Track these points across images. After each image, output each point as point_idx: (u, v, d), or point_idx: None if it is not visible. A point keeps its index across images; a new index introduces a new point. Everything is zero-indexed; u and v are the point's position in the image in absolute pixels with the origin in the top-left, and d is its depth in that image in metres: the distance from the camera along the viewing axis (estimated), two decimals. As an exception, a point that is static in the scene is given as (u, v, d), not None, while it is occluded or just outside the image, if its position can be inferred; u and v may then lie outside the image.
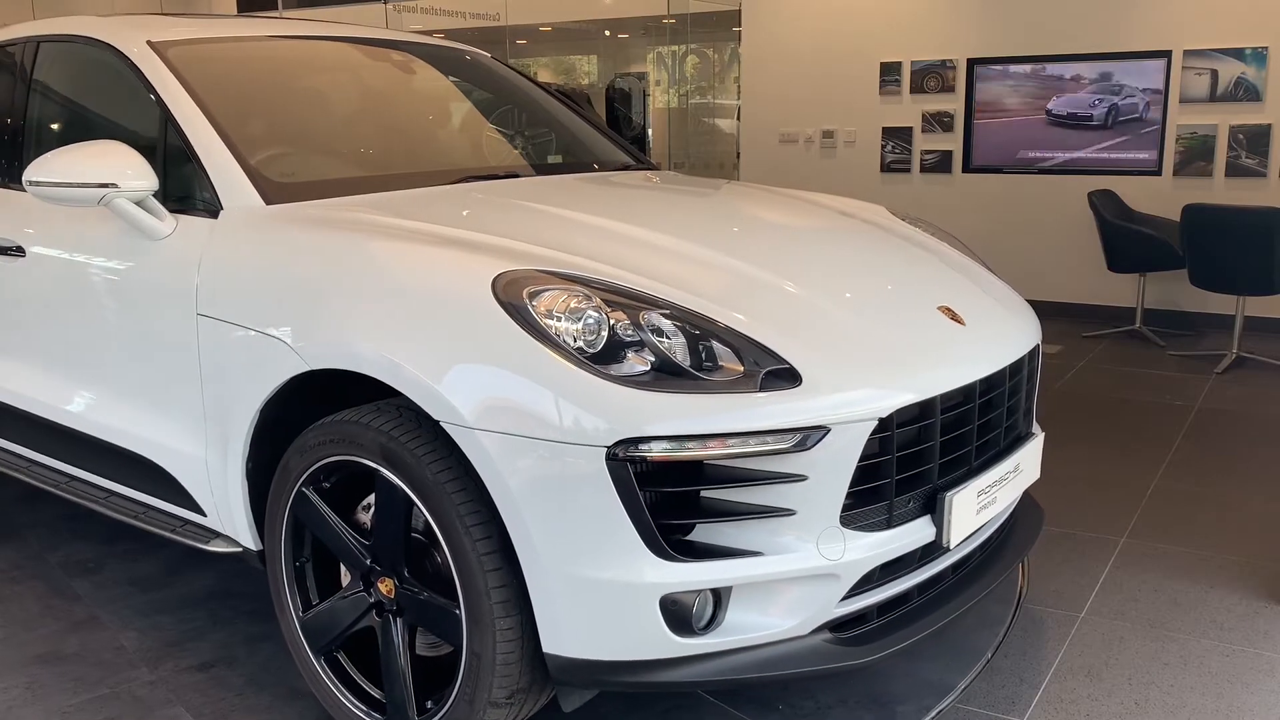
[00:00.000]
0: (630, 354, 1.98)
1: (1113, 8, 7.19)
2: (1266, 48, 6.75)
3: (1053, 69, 7.44)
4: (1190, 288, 6.40)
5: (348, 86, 3.42)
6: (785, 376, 2.02)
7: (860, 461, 2.04)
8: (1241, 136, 6.89)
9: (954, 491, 2.23)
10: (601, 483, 1.92)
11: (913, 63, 7.96)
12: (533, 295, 2.03)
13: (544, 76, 12.92)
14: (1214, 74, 6.91)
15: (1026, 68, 7.53)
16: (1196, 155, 7.06)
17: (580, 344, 1.98)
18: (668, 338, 2.02)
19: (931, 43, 7.87)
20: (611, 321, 2.01)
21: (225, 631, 3.01)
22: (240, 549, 2.59)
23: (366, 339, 2.16)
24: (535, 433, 1.94)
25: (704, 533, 2.01)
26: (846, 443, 2.01)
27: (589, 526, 1.95)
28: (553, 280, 2.08)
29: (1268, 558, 3.44)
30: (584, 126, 3.86)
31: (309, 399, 2.37)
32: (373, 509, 2.26)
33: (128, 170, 2.53)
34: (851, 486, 2.05)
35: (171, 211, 2.66)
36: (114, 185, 2.51)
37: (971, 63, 7.73)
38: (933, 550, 2.27)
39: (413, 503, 2.13)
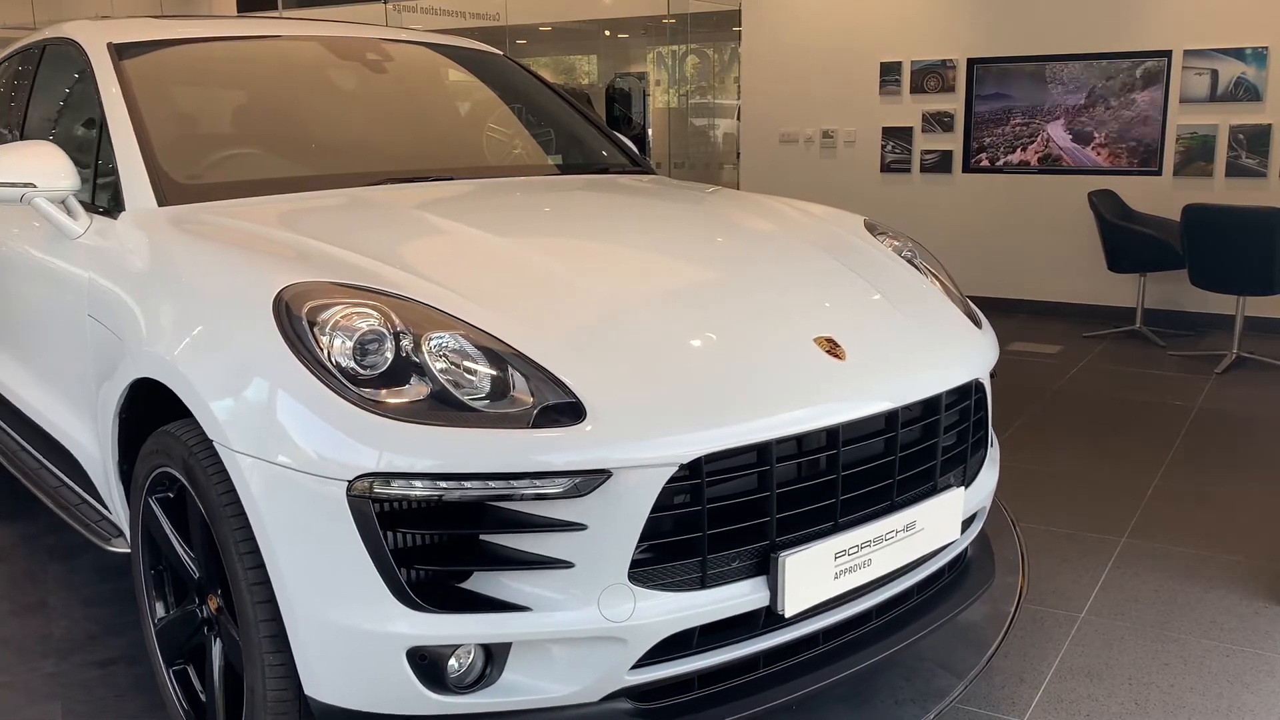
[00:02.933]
0: (415, 378, 1.83)
1: (1113, 8, 7.19)
2: (1266, 48, 6.75)
3: (1053, 69, 7.44)
4: (1190, 288, 6.40)
5: (303, 87, 3.40)
6: (568, 411, 1.82)
7: (664, 511, 1.83)
8: (1241, 136, 6.89)
9: (792, 552, 1.95)
10: (343, 520, 1.76)
11: (913, 63, 7.96)
12: (316, 310, 1.89)
13: (544, 76, 12.90)
14: (1214, 74, 6.91)
15: (1026, 67, 7.53)
16: (1196, 155, 7.06)
17: (352, 364, 1.83)
18: (453, 362, 1.86)
19: (931, 43, 7.87)
20: (402, 342, 1.86)
21: None
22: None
23: (168, 347, 2.11)
24: (286, 460, 1.81)
25: (481, 581, 1.81)
26: (634, 490, 1.79)
27: (332, 567, 1.79)
28: (343, 294, 1.93)
29: (1268, 558, 3.43)
30: (573, 126, 3.76)
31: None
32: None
33: (50, 170, 2.56)
34: (652, 539, 1.84)
35: (99, 212, 2.70)
36: (32, 185, 2.54)
37: (971, 63, 7.73)
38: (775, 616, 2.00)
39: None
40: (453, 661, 1.84)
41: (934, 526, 2.26)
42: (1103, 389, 5.68)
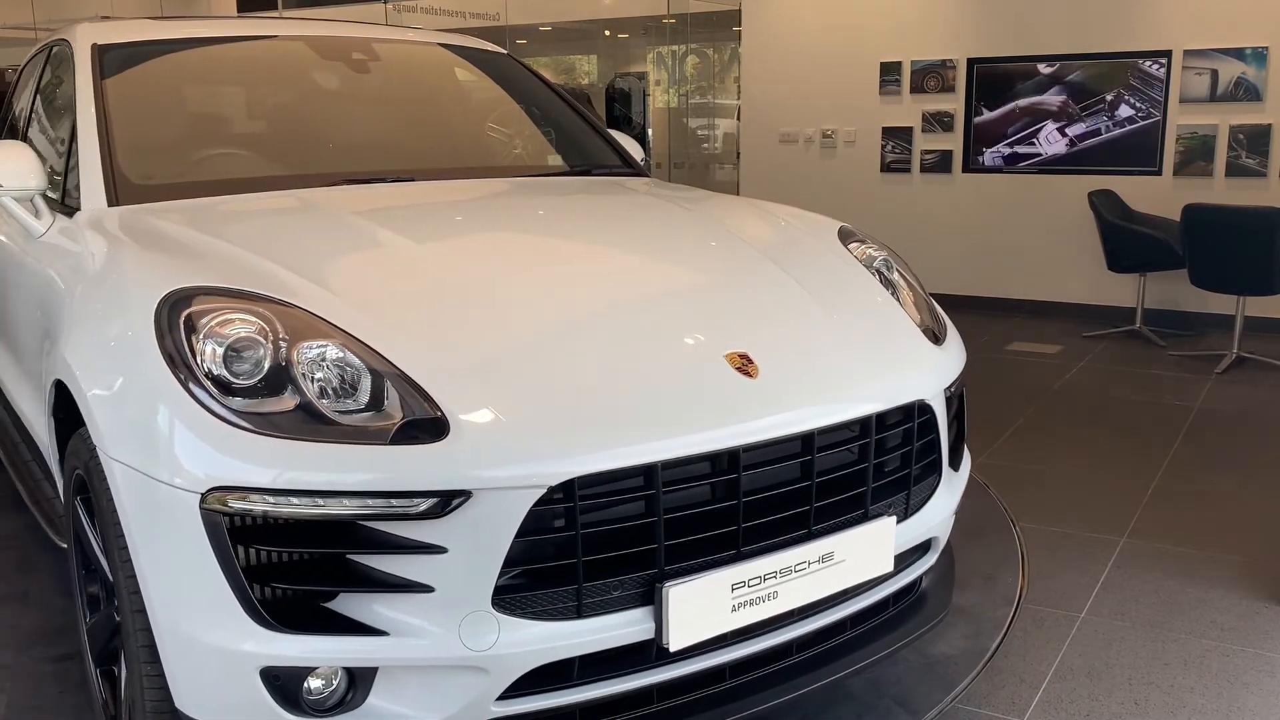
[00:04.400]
0: (289, 389, 1.78)
1: (1113, 8, 7.19)
2: (1266, 48, 6.75)
3: (1053, 68, 7.44)
4: (1190, 288, 6.40)
5: (279, 88, 3.38)
6: (431, 428, 1.75)
7: (536, 535, 1.75)
8: (1241, 136, 6.89)
9: (679, 582, 1.84)
10: (197, 534, 1.72)
11: (913, 63, 7.96)
12: (196, 315, 1.86)
13: (533, 70, 12.89)
14: (1214, 74, 6.91)
15: (1027, 67, 7.53)
16: (1196, 155, 7.06)
17: (224, 372, 1.79)
18: (330, 373, 1.81)
19: (931, 43, 7.87)
20: (280, 350, 1.81)
21: None
22: None
23: (71, 350, 2.12)
24: (149, 469, 1.78)
25: (344, 602, 1.75)
26: (497, 513, 1.71)
27: (190, 580, 1.75)
28: (227, 300, 1.90)
29: (1268, 558, 3.44)
30: (562, 125, 3.69)
31: None
32: None
33: (17, 170, 2.60)
34: (526, 564, 1.77)
35: (64, 211, 2.73)
36: None
37: (971, 63, 7.73)
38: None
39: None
40: (317, 683, 1.79)
41: (858, 558, 2.10)
42: (1103, 389, 5.68)
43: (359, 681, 1.79)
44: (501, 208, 2.88)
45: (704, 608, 1.88)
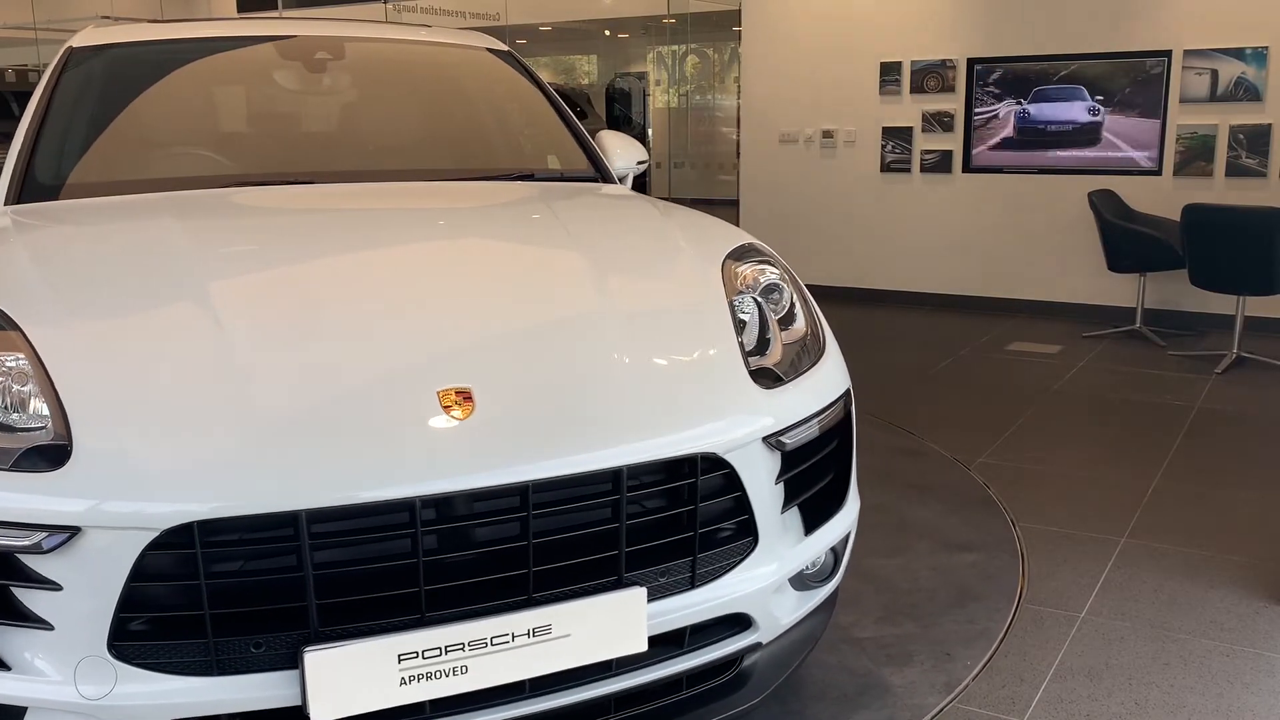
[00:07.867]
0: None
1: (1113, 8, 7.19)
2: (1266, 48, 6.75)
3: (1053, 68, 7.44)
4: (1190, 288, 6.40)
5: (224, 88, 3.35)
6: (55, 456, 1.68)
7: (160, 580, 1.68)
8: (1241, 136, 6.89)
9: (323, 647, 1.68)
10: None
11: (913, 63, 7.96)
12: None
13: (544, 76, 12.90)
14: (1214, 74, 6.91)
15: (1026, 67, 7.53)
16: (1196, 155, 7.06)
17: None
18: (12, 390, 1.78)
19: (931, 43, 7.87)
20: None
21: None
22: None
23: None
24: None
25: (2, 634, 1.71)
26: (108, 553, 1.62)
27: None
28: None
29: (1268, 558, 3.44)
30: (523, 126, 3.52)
31: None
32: None
33: None
34: (152, 610, 1.69)
35: None
36: None
37: (971, 63, 7.73)
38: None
39: None
40: None
41: (590, 634, 1.84)
42: (1103, 389, 5.69)
43: (8, 717, 1.72)
44: (351, 219, 2.60)
45: (360, 677, 1.71)
